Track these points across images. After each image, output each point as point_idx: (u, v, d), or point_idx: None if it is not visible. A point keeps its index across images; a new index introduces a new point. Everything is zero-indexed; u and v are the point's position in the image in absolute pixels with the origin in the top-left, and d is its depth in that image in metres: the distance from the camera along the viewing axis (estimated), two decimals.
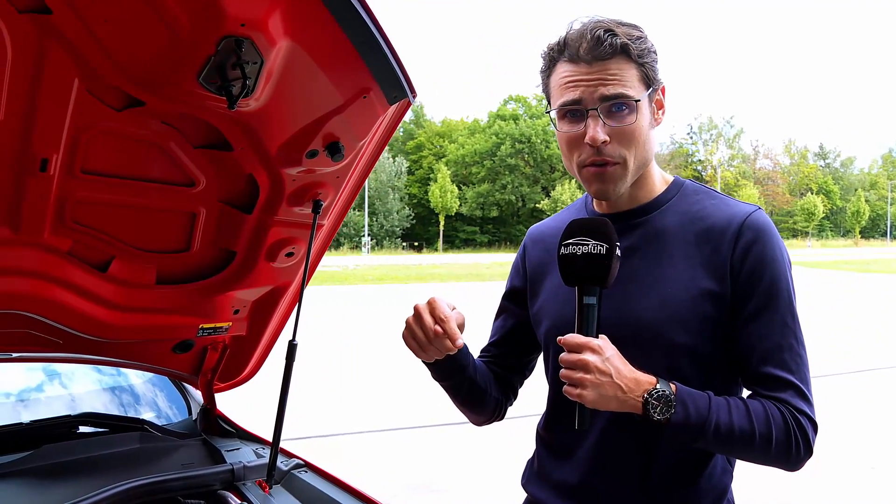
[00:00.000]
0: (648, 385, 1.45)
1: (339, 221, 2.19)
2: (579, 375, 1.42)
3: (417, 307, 1.63)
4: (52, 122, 1.59)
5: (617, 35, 1.51)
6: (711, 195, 1.69)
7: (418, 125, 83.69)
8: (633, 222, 1.67)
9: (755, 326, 1.54)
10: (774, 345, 1.53)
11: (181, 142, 1.82)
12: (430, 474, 5.98)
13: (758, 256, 1.55)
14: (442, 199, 66.00)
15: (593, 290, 1.49)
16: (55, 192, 1.76)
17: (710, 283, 1.56)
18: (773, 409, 1.50)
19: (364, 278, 30.31)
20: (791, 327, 1.55)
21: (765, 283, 1.54)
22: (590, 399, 1.43)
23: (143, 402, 2.92)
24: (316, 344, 12.69)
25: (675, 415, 1.44)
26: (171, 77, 1.51)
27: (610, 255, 1.48)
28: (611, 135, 1.54)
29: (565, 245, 1.53)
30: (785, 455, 1.50)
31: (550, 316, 1.75)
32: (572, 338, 1.46)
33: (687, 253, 1.60)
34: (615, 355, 1.45)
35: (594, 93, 1.52)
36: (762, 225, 1.58)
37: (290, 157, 1.81)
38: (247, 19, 1.39)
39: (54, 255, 1.92)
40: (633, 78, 1.55)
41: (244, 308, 2.31)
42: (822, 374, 10.36)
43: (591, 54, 1.52)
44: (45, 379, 2.81)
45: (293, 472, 2.31)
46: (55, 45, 1.44)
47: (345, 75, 1.63)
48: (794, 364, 1.54)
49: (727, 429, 1.46)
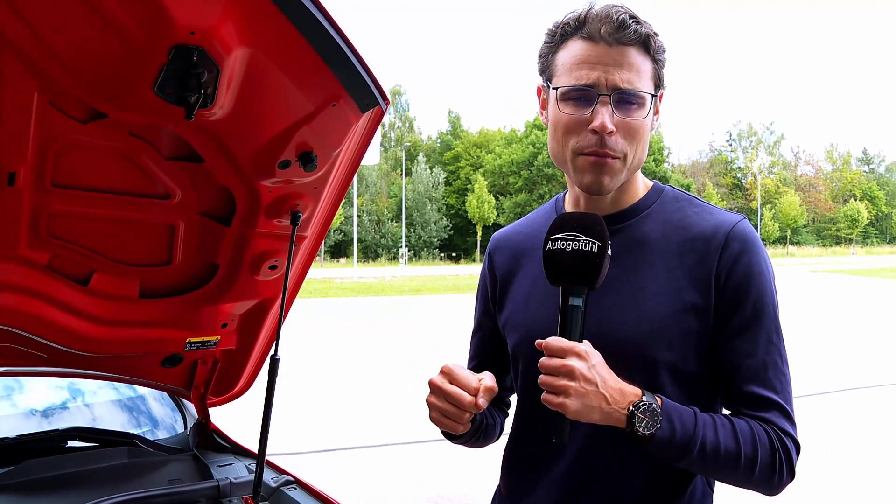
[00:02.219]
0: (634, 397, 1.36)
1: (323, 233, 2.15)
2: (563, 383, 1.31)
3: (434, 382, 1.48)
4: (15, 135, 1.58)
5: (641, 24, 1.44)
6: (693, 202, 1.61)
7: (455, 136, 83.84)
8: (613, 228, 1.55)
9: (740, 342, 1.47)
10: (759, 363, 1.46)
11: (152, 154, 1.79)
12: (447, 488, 5.93)
13: (745, 269, 1.48)
14: (479, 210, 65.96)
15: (580, 291, 1.38)
16: (27, 205, 1.75)
17: (694, 295, 1.48)
18: (759, 430, 1.43)
19: (400, 289, 30.35)
20: (776, 344, 1.49)
21: (751, 297, 1.47)
22: (572, 409, 1.32)
23: (139, 416, 2.90)
24: (341, 355, 12.72)
25: (660, 430, 1.35)
26: (129, 87, 1.49)
27: (602, 253, 1.38)
28: (618, 126, 1.45)
29: (553, 240, 1.42)
30: (768, 478, 1.42)
31: (520, 326, 1.65)
32: (555, 341, 1.34)
33: (669, 264, 1.52)
34: (601, 363, 1.36)
35: (610, 78, 1.43)
36: (748, 236, 1.51)
37: (262, 167, 1.77)
38: (196, 27, 1.35)
39: (33, 268, 1.91)
40: (647, 73, 1.47)
41: (232, 321, 2.28)
42: (858, 385, 10.14)
43: (613, 36, 1.42)
44: (40, 391, 2.81)
45: (282, 489, 2.28)
46: (10, 57, 1.42)
47: (311, 83, 1.59)
48: (778, 383, 1.47)
49: (713, 448, 1.38)
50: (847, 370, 11.30)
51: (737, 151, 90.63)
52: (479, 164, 76.98)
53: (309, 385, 9.75)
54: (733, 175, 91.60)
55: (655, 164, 71.22)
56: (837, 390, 9.78)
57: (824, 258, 70.68)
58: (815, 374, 10.66)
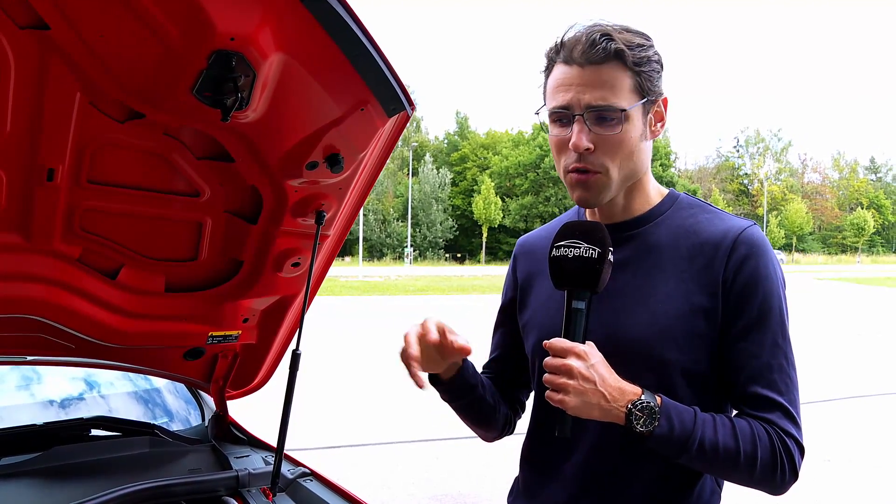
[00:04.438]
0: (633, 395, 1.42)
1: (345, 232, 2.21)
2: (562, 380, 1.39)
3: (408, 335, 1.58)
4: (56, 134, 1.65)
5: (613, 40, 1.48)
6: (705, 209, 1.66)
7: (463, 137, 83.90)
8: (626, 234, 1.63)
9: (745, 344, 1.51)
10: (764, 364, 1.50)
11: (184, 153, 1.86)
12: (454, 486, 5.98)
13: (751, 272, 1.52)
14: (485, 211, 66.00)
15: (583, 295, 1.46)
16: (63, 201, 1.81)
17: (702, 298, 1.52)
18: (759, 429, 1.47)
19: (406, 289, 30.41)
20: (781, 347, 1.52)
21: (757, 300, 1.51)
22: (571, 405, 1.39)
23: (159, 407, 2.97)
24: (343, 353, 12.78)
25: (658, 427, 1.41)
26: (168, 90, 1.55)
27: (602, 259, 1.45)
28: (595, 143, 1.51)
29: (557, 247, 1.50)
30: (769, 477, 1.46)
31: (539, 327, 1.72)
32: (557, 342, 1.42)
33: (679, 268, 1.56)
34: (601, 362, 1.42)
35: (581, 99, 1.49)
36: (756, 240, 1.55)
37: (290, 168, 1.83)
38: (236, 34, 1.42)
39: (65, 261, 1.97)
40: (624, 87, 1.50)
41: (253, 317, 2.35)
42: (862, 394, 10.16)
43: (583, 57, 1.48)
44: (66, 382, 2.87)
45: (298, 481, 2.33)
46: (56, 60, 1.49)
47: (341, 88, 1.66)
48: (783, 385, 1.50)
49: (711, 445, 1.43)
50: (851, 378, 11.32)
51: (744, 158, 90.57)
52: (486, 166, 77.00)
53: (314, 382, 9.80)
54: (740, 181, 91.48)
55: (662, 169, 71.14)
56: (841, 398, 9.80)
57: (829, 266, 70.55)
58: (818, 381, 10.67)
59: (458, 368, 1.73)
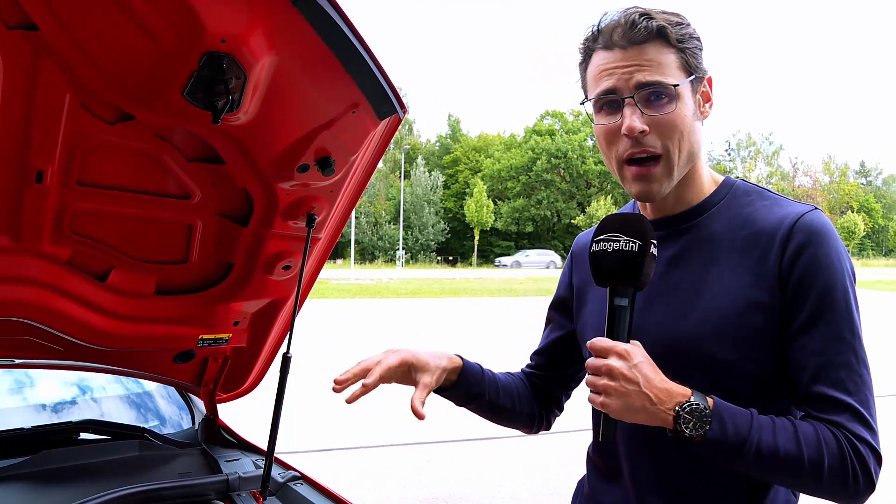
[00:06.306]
0: (681, 397, 1.32)
1: (336, 235, 2.21)
2: (603, 382, 1.32)
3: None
4: (46, 135, 1.64)
5: (653, 18, 1.42)
6: (764, 196, 1.55)
7: (455, 140, 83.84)
8: (680, 227, 1.55)
9: (806, 340, 1.39)
10: (828, 361, 1.37)
11: (175, 155, 1.85)
12: (446, 489, 5.97)
13: (809, 262, 1.40)
14: (477, 214, 65.91)
15: (625, 291, 1.38)
16: (52, 202, 1.80)
17: (759, 293, 1.42)
18: (825, 433, 1.34)
19: (397, 292, 30.36)
20: (849, 342, 1.39)
21: (817, 291, 1.39)
22: (613, 408, 1.32)
23: (149, 411, 2.96)
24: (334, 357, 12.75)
25: (710, 431, 1.31)
26: (159, 91, 1.55)
27: (643, 252, 1.37)
28: (649, 125, 1.43)
29: (596, 241, 1.43)
30: (840, 486, 1.33)
31: (595, 329, 1.62)
32: (598, 341, 1.35)
33: (734, 261, 1.47)
34: (645, 362, 1.33)
35: (629, 80, 1.42)
36: (817, 226, 1.43)
37: (281, 171, 1.83)
38: (227, 36, 1.41)
39: (54, 263, 1.96)
40: (671, 64, 1.43)
41: (244, 320, 2.34)
42: None
43: (625, 38, 1.42)
44: (55, 385, 2.85)
45: (289, 484, 2.32)
46: (46, 61, 1.48)
47: (332, 90, 1.65)
48: (851, 384, 1.37)
49: (770, 451, 1.32)
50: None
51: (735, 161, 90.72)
52: (478, 169, 76.97)
53: (305, 385, 9.78)
54: None
55: None
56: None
57: None
58: None
59: (457, 377, 1.72)
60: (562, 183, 71.97)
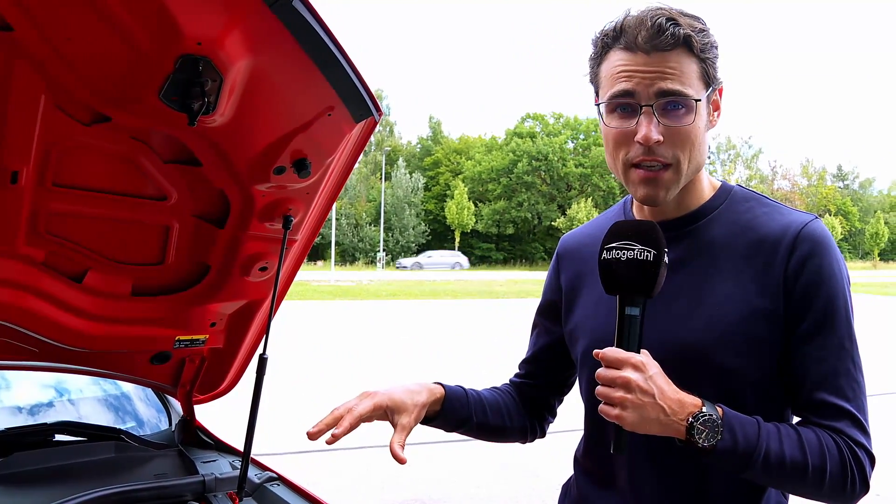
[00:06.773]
0: (693, 408, 1.32)
1: (313, 237, 2.21)
2: (619, 395, 1.30)
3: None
4: (21, 136, 1.63)
5: (680, 25, 1.38)
6: (763, 202, 1.55)
7: (436, 141, 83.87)
8: (680, 232, 1.53)
9: (809, 348, 1.41)
10: (830, 369, 1.40)
11: (151, 157, 1.85)
12: (425, 491, 5.98)
13: (814, 271, 1.42)
14: (458, 216, 66.00)
15: (637, 301, 1.35)
16: (27, 203, 1.80)
17: (763, 300, 1.43)
18: (827, 440, 1.37)
19: (377, 293, 30.34)
20: (849, 350, 1.42)
21: (821, 300, 1.41)
22: (630, 421, 1.30)
23: (126, 412, 2.94)
24: (314, 358, 12.73)
25: (721, 441, 1.31)
26: (135, 93, 1.55)
27: (658, 262, 1.34)
28: (664, 135, 1.40)
29: (608, 249, 1.39)
30: (839, 490, 1.36)
31: (588, 333, 1.62)
32: (612, 352, 1.32)
33: (737, 267, 1.47)
34: (659, 373, 1.32)
35: (650, 87, 1.39)
36: (819, 237, 1.44)
37: (257, 172, 1.84)
38: (203, 38, 1.42)
39: (29, 265, 1.95)
40: (693, 74, 1.41)
41: (221, 321, 2.34)
42: None
43: (650, 43, 1.38)
44: (30, 387, 2.84)
45: (265, 486, 2.33)
46: (21, 62, 1.48)
47: (308, 93, 1.67)
48: (850, 391, 1.40)
49: (777, 459, 1.33)
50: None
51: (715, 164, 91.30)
52: (459, 171, 77.03)
53: (283, 386, 9.76)
54: None
55: None
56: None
57: None
58: None
59: (441, 406, 1.71)
60: (542, 185, 72.18)
